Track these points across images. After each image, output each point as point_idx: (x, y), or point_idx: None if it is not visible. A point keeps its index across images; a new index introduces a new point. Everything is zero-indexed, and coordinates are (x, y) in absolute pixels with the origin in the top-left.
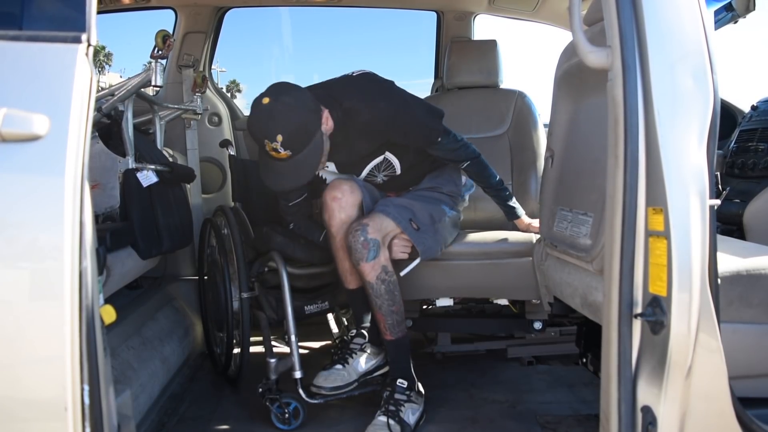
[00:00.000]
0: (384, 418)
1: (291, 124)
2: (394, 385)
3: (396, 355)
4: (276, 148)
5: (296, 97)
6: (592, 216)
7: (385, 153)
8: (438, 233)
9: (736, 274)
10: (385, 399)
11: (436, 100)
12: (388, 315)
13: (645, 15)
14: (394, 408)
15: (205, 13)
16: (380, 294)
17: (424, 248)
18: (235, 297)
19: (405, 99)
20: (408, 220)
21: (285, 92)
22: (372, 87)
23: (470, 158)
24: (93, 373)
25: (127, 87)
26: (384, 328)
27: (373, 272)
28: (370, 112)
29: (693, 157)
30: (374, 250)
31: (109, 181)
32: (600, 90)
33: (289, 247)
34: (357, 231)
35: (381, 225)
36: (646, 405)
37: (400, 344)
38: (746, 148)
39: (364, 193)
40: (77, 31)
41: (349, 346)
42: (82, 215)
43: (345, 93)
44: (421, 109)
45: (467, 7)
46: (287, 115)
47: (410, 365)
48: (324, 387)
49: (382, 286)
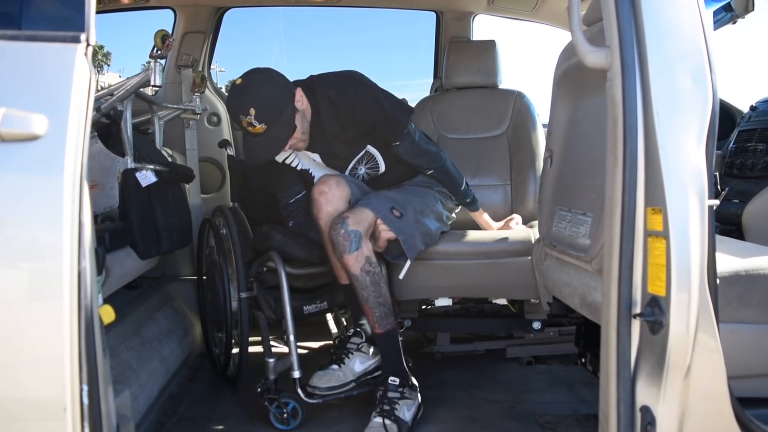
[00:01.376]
0: (380, 419)
1: (262, 97)
2: (387, 384)
3: (386, 349)
4: (251, 122)
5: (266, 75)
6: (591, 216)
7: (367, 146)
8: (419, 223)
9: (735, 274)
10: (379, 399)
11: (435, 100)
12: (375, 307)
13: (644, 15)
14: (388, 407)
15: (204, 13)
16: (366, 286)
17: (405, 237)
18: (234, 297)
19: (374, 90)
20: (389, 209)
21: (256, 71)
22: (344, 77)
23: (433, 167)
24: (92, 373)
25: (126, 87)
26: (372, 321)
27: (357, 264)
28: (338, 97)
29: (692, 157)
30: (356, 242)
31: (108, 181)
32: (599, 90)
33: (289, 245)
34: (337, 224)
35: (361, 217)
36: (645, 405)
37: (390, 337)
38: (745, 149)
39: (352, 187)
40: (76, 31)
41: (345, 345)
42: (81, 215)
43: (320, 82)
44: (389, 101)
45: (466, 7)
46: (258, 90)
47: (402, 359)
48: (319, 387)
49: (366, 277)
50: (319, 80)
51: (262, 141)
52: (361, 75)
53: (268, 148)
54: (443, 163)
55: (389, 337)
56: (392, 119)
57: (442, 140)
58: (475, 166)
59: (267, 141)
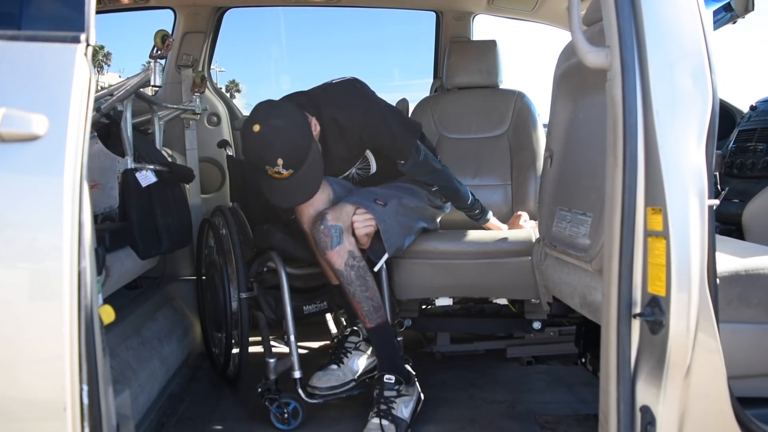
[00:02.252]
0: (377, 419)
1: (287, 146)
2: (382, 383)
3: (379, 343)
4: (278, 170)
5: (285, 117)
6: (591, 216)
7: (365, 153)
8: (400, 215)
9: (735, 274)
10: (376, 398)
11: (436, 101)
12: (363, 301)
13: (644, 15)
14: (385, 407)
15: (204, 13)
16: (351, 281)
17: (386, 226)
18: (234, 297)
19: (382, 110)
20: (372, 200)
21: (273, 115)
22: (351, 96)
23: (438, 184)
24: (92, 373)
25: (126, 87)
26: (362, 316)
27: (340, 259)
28: (346, 121)
29: (692, 157)
30: (337, 237)
31: (108, 181)
32: (599, 90)
33: (290, 244)
34: (317, 222)
35: (342, 212)
36: (645, 405)
37: (382, 331)
38: (745, 148)
39: (334, 186)
40: (76, 31)
41: (344, 345)
42: (81, 215)
43: (324, 101)
44: (396, 121)
45: (466, 7)
46: (281, 139)
47: (396, 353)
48: (319, 387)
49: (351, 272)
50: (324, 98)
51: (291, 184)
52: (367, 90)
53: (303, 189)
54: (449, 182)
55: (381, 331)
56: (400, 140)
57: (442, 140)
58: (476, 166)
59: (297, 183)
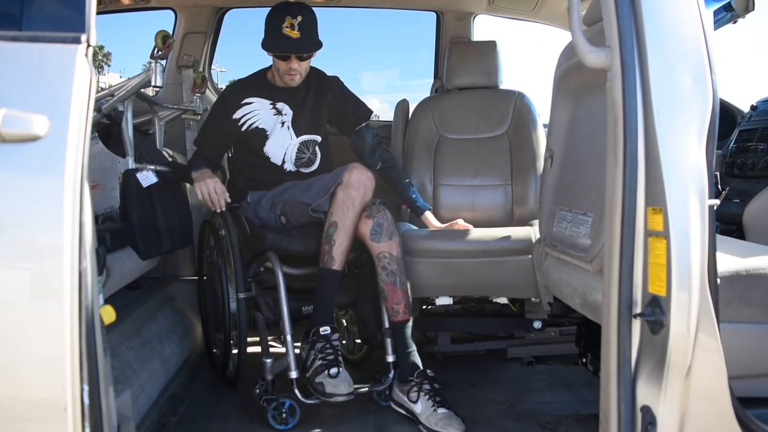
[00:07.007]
0: (444, 409)
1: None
2: (429, 377)
3: (412, 336)
4: (293, 24)
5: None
6: (592, 216)
7: (320, 138)
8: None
9: (736, 274)
10: (430, 392)
11: (436, 101)
12: (407, 291)
13: (644, 15)
14: (440, 398)
15: (204, 14)
16: (403, 270)
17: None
18: (233, 298)
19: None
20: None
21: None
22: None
23: (386, 162)
24: (93, 373)
25: (126, 87)
26: (404, 308)
27: (399, 247)
28: (327, 80)
29: (692, 157)
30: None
31: (108, 181)
32: (599, 90)
33: (283, 241)
34: (380, 210)
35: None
36: (646, 405)
37: (410, 324)
38: (746, 148)
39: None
40: (77, 32)
41: (332, 344)
42: (82, 215)
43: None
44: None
45: (467, 7)
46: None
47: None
48: (340, 393)
49: (402, 261)
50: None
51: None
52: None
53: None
54: (394, 161)
55: (410, 324)
56: (363, 105)
57: (442, 140)
58: (476, 167)
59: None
